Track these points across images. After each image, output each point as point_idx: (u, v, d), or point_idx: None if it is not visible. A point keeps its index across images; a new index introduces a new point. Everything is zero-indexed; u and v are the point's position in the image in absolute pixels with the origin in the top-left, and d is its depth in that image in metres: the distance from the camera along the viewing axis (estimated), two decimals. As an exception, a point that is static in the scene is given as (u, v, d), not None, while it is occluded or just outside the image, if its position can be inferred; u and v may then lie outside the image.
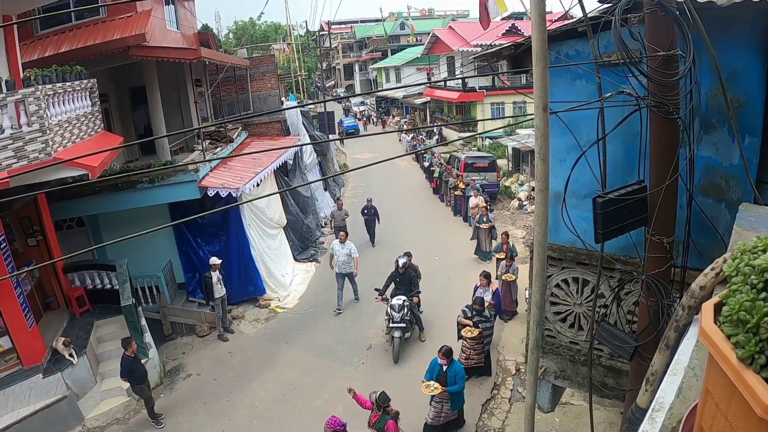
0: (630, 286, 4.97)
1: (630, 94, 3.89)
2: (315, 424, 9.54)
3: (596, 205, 3.93)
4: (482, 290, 11.25)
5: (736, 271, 1.27)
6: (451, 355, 8.43)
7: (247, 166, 15.17)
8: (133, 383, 9.64)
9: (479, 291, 11.22)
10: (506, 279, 12.41)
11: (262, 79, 21.37)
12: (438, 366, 8.43)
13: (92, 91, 11.04)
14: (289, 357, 11.90)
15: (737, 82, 4.03)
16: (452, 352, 8.50)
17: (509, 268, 12.55)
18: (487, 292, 11.20)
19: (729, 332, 1.16)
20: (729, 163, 4.25)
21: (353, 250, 13.72)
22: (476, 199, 18.24)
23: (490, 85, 35.37)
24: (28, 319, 9.59)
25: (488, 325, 10.18)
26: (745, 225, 2.80)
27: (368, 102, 62.99)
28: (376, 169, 28.82)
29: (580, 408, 9.16)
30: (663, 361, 2.98)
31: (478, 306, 10.06)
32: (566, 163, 4.52)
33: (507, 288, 12.66)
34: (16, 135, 8.17)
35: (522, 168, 25.37)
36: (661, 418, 1.80)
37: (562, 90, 4.95)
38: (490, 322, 10.29)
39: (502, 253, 13.39)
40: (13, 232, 10.88)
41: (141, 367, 9.77)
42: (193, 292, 14.10)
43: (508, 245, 13.38)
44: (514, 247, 13.52)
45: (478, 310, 10.04)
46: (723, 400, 1.21)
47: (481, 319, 10.00)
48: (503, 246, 13.55)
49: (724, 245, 3.91)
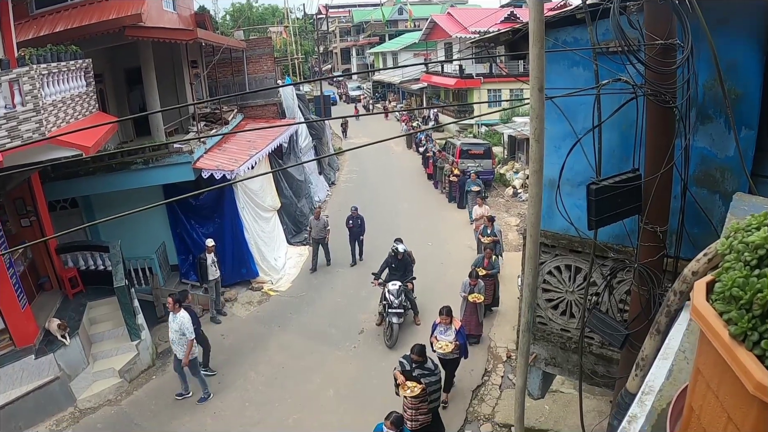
0: (622, 275, 4.98)
1: (627, 82, 3.88)
2: (306, 408, 9.61)
3: (590, 192, 3.94)
4: (442, 328, 9.00)
5: (729, 248, 1.27)
6: (401, 425, 6.72)
7: (242, 149, 15.12)
8: None
9: (438, 330, 9.05)
10: (473, 300, 10.72)
11: (258, 61, 21.24)
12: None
13: (87, 71, 10.93)
14: (282, 340, 11.92)
15: (735, 74, 4.02)
16: (402, 422, 6.81)
17: (475, 288, 10.77)
18: (449, 332, 8.96)
19: (721, 309, 1.17)
20: (724, 154, 4.25)
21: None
22: (481, 209, 16.07)
23: (487, 72, 35.27)
24: (20, 300, 9.56)
25: (433, 379, 7.87)
26: (739, 214, 2.81)
27: (364, 86, 62.74)
28: (371, 155, 28.85)
29: (570, 396, 9.24)
30: (653, 346, 3.00)
31: (416, 356, 7.73)
32: (561, 150, 4.51)
33: (473, 310, 11.00)
34: (9, 115, 8.09)
35: (517, 156, 25.38)
36: (651, 400, 1.81)
37: (559, 77, 4.94)
38: (436, 375, 7.95)
39: (482, 269, 11.67)
40: (7, 212, 10.84)
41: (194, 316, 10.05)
42: (187, 274, 14.09)
43: (491, 260, 11.97)
44: (496, 261, 12.26)
45: (417, 361, 7.76)
46: (714, 378, 1.21)
47: (423, 372, 7.74)
48: (484, 261, 12.00)
49: (717, 236, 3.91)
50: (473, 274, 10.85)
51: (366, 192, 23.78)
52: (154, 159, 12.58)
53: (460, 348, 8.96)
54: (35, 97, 8.37)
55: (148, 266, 13.24)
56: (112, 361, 10.51)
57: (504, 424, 9.06)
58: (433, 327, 9.21)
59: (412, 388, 7.52)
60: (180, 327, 9.27)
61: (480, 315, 11.17)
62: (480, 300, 10.78)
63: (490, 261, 11.93)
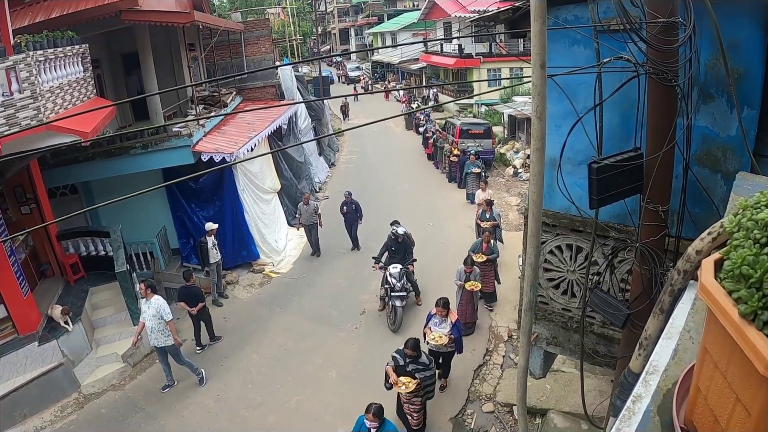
0: (624, 254, 4.97)
1: (628, 60, 3.83)
2: (308, 389, 9.66)
3: (592, 171, 3.91)
4: (438, 320, 8.69)
5: (738, 226, 1.24)
6: (381, 415, 6.54)
7: (241, 131, 15.05)
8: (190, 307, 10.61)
9: (433, 321, 8.73)
10: (470, 288, 10.38)
11: (256, 43, 21.06)
12: (365, 428, 6.60)
13: (84, 56, 10.87)
14: (283, 322, 11.96)
15: (737, 53, 3.97)
16: (383, 411, 6.58)
17: (470, 275, 10.39)
18: (444, 324, 8.63)
19: (730, 288, 1.14)
20: (726, 134, 4.22)
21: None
22: (484, 193, 15.37)
23: (487, 51, 35.04)
24: (22, 287, 9.59)
25: (428, 374, 7.60)
26: (743, 193, 2.78)
27: (363, 67, 62.35)
28: (371, 136, 28.79)
29: (571, 375, 9.27)
30: (657, 325, 2.99)
31: (410, 350, 7.46)
32: (562, 129, 4.47)
33: (469, 298, 10.67)
34: (7, 102, 8.04)
35: (518, 135, 25.28)
36: (656, 380, 1.80)
37: (560, 55, 4.87)
38: (430, 369, 7.64)
39: (481, 254, 11.38)
40: (6, 200, 10.83)
41: (199, 292, 10.73)
42: (188, 258, 14.10)
43: (489, 245, 11.61)
44: (495, 246, 11.88)
45: (412, 356, 7.50)
46: (722, 358, 1.19)
47: (417, 366, 7.52)
48: (483, 245, 11.62)
49: (719, 216, 3.89)
50: (468, 261, 10.49)
51: (366, 173, 23.77)
52: (154, 143, 12.53)
53: (455, 342, 8.67)
54: (32, 84, 8.35)
55: (149, 250, 13.22)
56: (115, 346, 10.56)
57: (506, 404, 9.11)
58: (428, 317, 8.88)
59: (406, 384, 7.33)
60: (158, 311, 9.19)
61: (476, 302, 10.89)
62: (478, 288, 10.47)
63: (489, 245, 11.56)
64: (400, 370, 7.52)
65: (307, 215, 14.88)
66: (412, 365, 7.49)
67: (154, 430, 8.89)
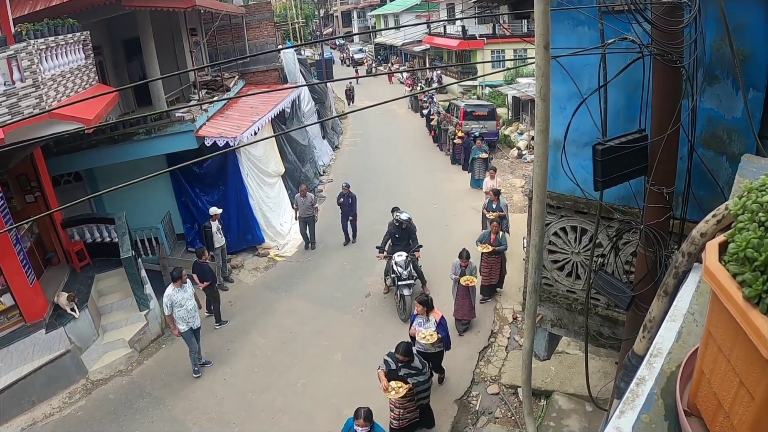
0: (628, 236, 4.96)
1: (633, 41, 3.79)
2: (314, 372, 9.72)
3: (596, 153, 3.89)
4: (421, 319, 8.25)
5: (742, 208, 1.23)
6: (371, 419, 6.40)
7: (244, 115, 15.03)
8: None
9: (417, 321, 8.31)
10: (465, 283, 9.95)
11: (258, 27, 20.94)
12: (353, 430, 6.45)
13: (85, 43, 10.83)
14: (288, 305, 12.00)
15: (742, 34, 3.92)
16: (371, 415, 6.44)
17: (466, 269, 9.98)
18: (428, 323, 8.19)
19: (735, 271, 1.13)
20: (731, 116, 4.18)
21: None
22: (492, 181, 14.67)
23: (490, 32, 34.77)
24: (28, 275, 9.63)
25: (421, 378, 7.24)
26: (748, 175, 2.76)
27: (366, 49, 62.00)
28: (375, 118, 28.70)
29: (576, 357, 9.30)
30: (661, 307, 2.98)
31: (401, 355, 7.09)
32: (567, 111, 4.44)
33: (465, 293, 10.16)
34: (9, 92, 8.05)
35: (522, 117, 25.16)
36: (660, 363, 1.79)
37: (564, 37, 4.82)
38: (424, 374, 7.30)
39: (488, 245, 10.97)
40: (11, 189, 10.83)
41: (210, 270, 11.06)
42: (193, 243, 14.12)
43: (497, 236, 11.06)
44: (503, 237, 11.31)
45: (403, 361, 7.14)
46: (726, 342, 1.19)
47: (409, 371, 7.15)
48: (491, 236, 11.07)
49: (724, 198, 3.87)
50: (464, 255, 10.00)
51: (370, 156, 23.76)
52: (157, 129, 12.52)
53: (442, 341, 8.28)
54: (34, 72, 8.35)
55: (154, 236, 13.29)
56: (122, 331, 10.63)
57: (510, 385, 9.15)
58: (412, 318, 8.49)
59: (396, 389, 7.01)
60: (192, 293, 9.51)
61: (473, 298, 10.34)
62: (473, 283, 10.02)
63: (497, 237, 11.05)
64: (391, 374, 7.19)
65: (304, 208, 14.31)
66: (404, 369, 7.16)
67: (161, 414, 8.98)
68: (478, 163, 18.12)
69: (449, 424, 8.46)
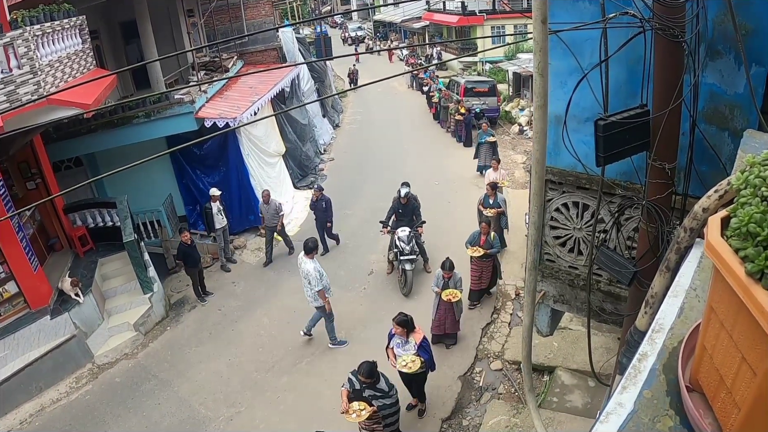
0: (630, 212, 4.94)
1: (635, 15, 3.74)
2: (319, 350, 9.78)
3: (598, 128, 3.85)
4: (399, 341, 7.35)
5: (745, 183, 1.21)
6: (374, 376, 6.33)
7: (243, 96, 14.96)
8: (186, 266, 11.50)
9: (395, 341, 7.41)
10: (446, 298, 8.95)
11: (256, 6, 20.78)
12: None
13: (82, 28, 10.73)
14: (292, 284, 11.97)
15: (745, 9, 3.85)
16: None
17: (449, 281, 9.03)
18: (407, 346, 7.31)
19: (737, 246, 1.12)
20: (734, 91, 4.13)
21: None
22: (495, 173, 13.50)
23: (490, 8, 34.42)
24: (32, 262, 9.67)
25: (387, 402, 6.59)
26: (750, 151, 2.73)
27: (365, 27, 61.45)
28: (375, 96, 28.56)
29: (578, 333, 9.33)
30: (663, 283, 2.97)
31: (363, 377, 6.43)
32: (567, 86, 4.40)
33: (448, 306, 9.11)
34: (7, 79, 7.99)
35: (523, 93, 25.02)
36: (662, 338, 1.79)
37: (564, 11, 4.76)
38: (391, 398, 6.65)
39: (478, 248, 10.01)
40: (12, 176, 10.82)
41: (195, 252, 11.39)
42: (195, 224, 14.17)
43: (488, 238, 10.08)
44: (495, 239, 10.24)
45: (367, 383, 6.49)
46: (728, 317, 1.18)
47: (374, 393, 6.51)
48: (481, 237, 10.11)
49: (726, 173, 3.84)
50: (446, 265, 9.01)
51: (371, 133, 23.73)
52: (156, 111, 12.50)
53: (425, 364, 7.35)
54: (31, 59, 8.32)
55: (156, 219, 13.30)
56: (127, 315, 10.68)
57: (513, 362, 9.20)
58: (390, 336, 7.56)
59: (357, 411, 6.35)
60: None
61: (457, 312, 9.30)
62: (456, 298, 8.98)
63: (487, 238, 10.06)
64: (355, 394, 6.54)
65: (269, 216, 12.75)
66: (368, 390, 6.50)
67: (168, 396, 9.06)
68: (485, 148, 16.89)
69: (453, 400, 8.54)
